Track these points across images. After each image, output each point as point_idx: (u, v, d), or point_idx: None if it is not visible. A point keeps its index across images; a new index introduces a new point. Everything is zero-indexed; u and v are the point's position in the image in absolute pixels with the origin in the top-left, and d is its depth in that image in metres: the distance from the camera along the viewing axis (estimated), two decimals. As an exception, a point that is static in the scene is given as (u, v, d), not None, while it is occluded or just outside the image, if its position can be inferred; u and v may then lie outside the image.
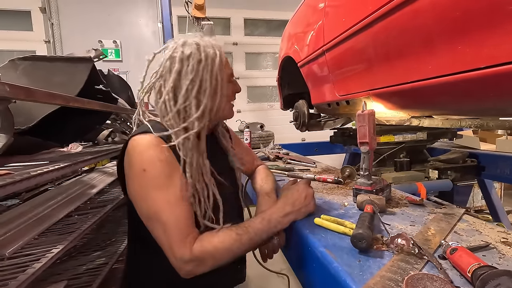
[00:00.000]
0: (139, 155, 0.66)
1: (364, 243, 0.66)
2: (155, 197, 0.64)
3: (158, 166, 0.65)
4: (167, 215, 0.63)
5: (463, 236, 0.73)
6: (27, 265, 0.65)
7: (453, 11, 0.63)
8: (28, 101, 0.61)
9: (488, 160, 2.04)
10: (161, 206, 0.64)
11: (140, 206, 0.66)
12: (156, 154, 0.66)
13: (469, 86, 0.65)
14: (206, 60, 0.72)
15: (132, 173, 0.66)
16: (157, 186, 0.65)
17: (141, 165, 0.65)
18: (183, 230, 0.64)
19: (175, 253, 0.63)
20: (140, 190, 0.66)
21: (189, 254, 0.63)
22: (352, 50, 1.09)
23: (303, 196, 0.81)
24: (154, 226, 0.65)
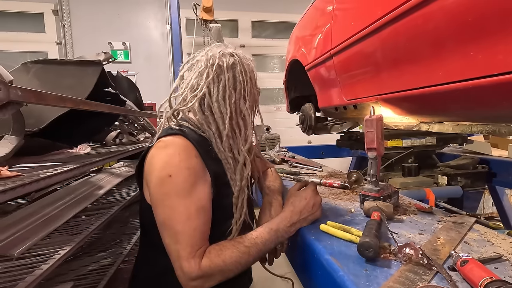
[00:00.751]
0: (165, 159, 0.65)
1: (371, 252, 0.65)
2: (175, 205, 0.63)
3: (185, 173, 0.64)
4: (182, 226, 0.62)
5: (474, 247, 0.71)
6: (35, 266, 0.66)
7: (465, 16, 0.62)
8: (39, 105, 0.62)
9: (500, 166, 1.99)
10: (178, 215, 0.62)
11: (158, 211, 0.65)
12: (185, 160, 0.65)
13: (482, 93, 0.63)
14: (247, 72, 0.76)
15: (156, 176, 0.64)
16: (180, 194, 0.63)
17: (168, 169, 0.63)
18: (194, 244, 0.62)
19: (183, 267, 0.61)
20: (162, 195, 0.64)
21: (198, 269, 0.61)
22: (360, 54, 1.08)
23: (310, 204, 0.79)
24: (166, 233, 0.64)
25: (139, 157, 0.72)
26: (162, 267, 0.70)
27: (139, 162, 0.72)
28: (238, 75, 0.74)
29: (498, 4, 0.53)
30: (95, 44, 4.17)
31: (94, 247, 1.40)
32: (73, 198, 1.04)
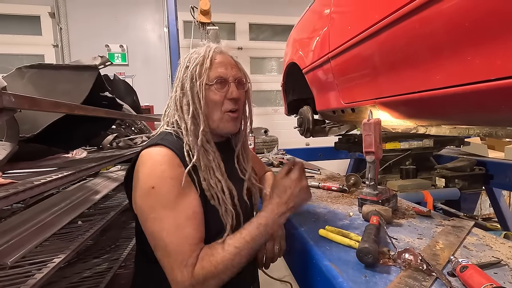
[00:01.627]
0: (150, 170, 0.64)
1: (370, 258, 0.64)
2: (161, 217, 0.62)
3: (168, 184, 0.63)
4: (170, 237, 0.61)
5: (473, 251, 0.71)
6: (28, 275, 0.64)
7: (463, 20, 0.62)
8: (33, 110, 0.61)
9: (497, 168, 2.00)
10: (165, 227, 0.61)
11: (146, 224, 0.64)
12: (168, 170, 0.64)
13: (481, 98, 0.63)
14: (189, 66, 0.73)
15: (140, 188, 0.64)
16: (166, 206, 0.62)
17: (151, 181, 0.63)
18: (185, 253, 0.61)
19: (176, 277, 0.60)
20: (146, 207, 0.63)
21: (190, 278, 0.60)
22: (358, 57, 1.08)
23: (296, 191, 0.71)
24: (157, 246, 0.63)
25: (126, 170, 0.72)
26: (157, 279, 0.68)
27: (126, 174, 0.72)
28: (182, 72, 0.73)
29: (496, 9, 0.53)
30: (92, 46, 4.14)
31: (91, 252, 1.38)
32: (69, 203, 1.02)
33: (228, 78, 0.73)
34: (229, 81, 0.73)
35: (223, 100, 0.73)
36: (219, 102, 0.72)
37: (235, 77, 0.74)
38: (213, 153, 0.72)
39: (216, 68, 0.73)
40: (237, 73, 0.76)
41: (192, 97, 0.71)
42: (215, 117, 0.73)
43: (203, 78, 0.71)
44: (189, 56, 0.76)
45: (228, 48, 0.78)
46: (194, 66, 0.72)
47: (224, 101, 0.73)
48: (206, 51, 0.74)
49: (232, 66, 0.75)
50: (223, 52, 0.77)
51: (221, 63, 0.74)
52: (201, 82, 0.70)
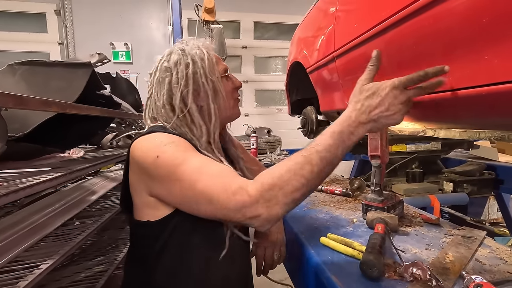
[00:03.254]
0: (145, 149, 0.60)
1: (375, 271, 0.60)
2: (182, 172, 0.55)
3: (172, 147, 0.59)
4: (203, 180, 0.54)
5: (486, 265, 0.66)
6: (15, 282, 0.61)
7: (481, 16, 0.57)
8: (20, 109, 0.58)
9: (507, 173, 1.93)
10: (192, 176, 0.54)
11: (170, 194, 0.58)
12: (165, 139, 0.61)
13: (497, 100, 0.58)
14: (195, 63, 0.70)
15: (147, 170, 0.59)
16: (179, 163, 0.56)
17: (152, 154, 0.58)
18: (229, 183, 0.53)
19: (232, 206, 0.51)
20: (161, 178, 0.57)
21: (248, 197, 0.50)
22: (364, 57, 1.03)
23: (386, 103, 0.55)
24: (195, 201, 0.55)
25: None
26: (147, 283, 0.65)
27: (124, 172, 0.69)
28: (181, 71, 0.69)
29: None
30: (97, 44, 4.15)
31: (88, 252, 1.36)
32: (64, 204, 1.00)
33: (228, 70, 0.78)
34: (230, 73, 0.79)
35: (232, 90, 0.78)
36: (230, 91, 0.77)
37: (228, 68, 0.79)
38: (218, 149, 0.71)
39: (218, 62, 0.76)
40: None
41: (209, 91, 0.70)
42: (229, 106, 0.76)
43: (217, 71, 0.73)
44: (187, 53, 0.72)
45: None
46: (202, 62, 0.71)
47: (233, 90, 0.79)
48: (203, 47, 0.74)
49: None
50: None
51: (217, 57, 0.77)
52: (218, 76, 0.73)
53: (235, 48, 4.55)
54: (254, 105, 4.78)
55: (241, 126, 3.36)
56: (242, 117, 4.50)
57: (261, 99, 4.83)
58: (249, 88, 4.74)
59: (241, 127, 3.31)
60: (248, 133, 2.86)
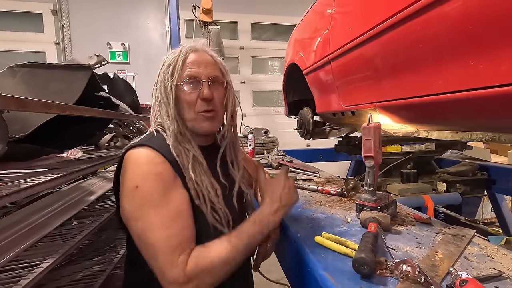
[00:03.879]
0: (132, 171, 0.63)
1: (366, 269, 0.62)
2: (146, 216, 0.60)
3: (152, 182, 0.62)
4: (157, 235, 0.59)
5: (474, 263, 0.69)
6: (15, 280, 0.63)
7: (467, 24, 0.59)
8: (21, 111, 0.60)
9: (499, 173, 1.97)
10: (152, 225, 0.60)
11: (132, 225, 0.63)
12: (150, 170, 0.63)
13: (483, 104, 0.61)
14: (162, 68, 0.72)
15: (125, 189, 0.63)
16: (149, 204, 0.61)
17: (134, 181, 0.62)
18: (174, 251, 0.59)
19: (168, 277, 0.58)
20: (132, 207, 0.62)
21: (183, 275, 0.57)
22: (358, 60, 1.05)
23: (286, 190, 0.75)
24: (145, 247, 0.61)
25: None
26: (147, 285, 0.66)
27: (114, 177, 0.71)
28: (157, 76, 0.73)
29: (501, 14, 0.51)
30: (94, 44, 4.14)
31: (86, 252, 1.37)
32: (62, 204, 1.01)
33: (200, 77, 0.71)
34: (202, 80, 0.71)
35: (196, 100, 0.71)
36: (191, 102, 0.70)
37: (208, 75, 0.72)
38: (195, 152, 0.70)
39: (188, 67, 0.71)
40: (211, 71, 0.73)
41: (164, 99, 0.70)
42: (189, 117, 0.71)
43: (174, 78, 0.69)
44: (166, 58, 0.74)
45: (204, 46, 0.77)
46: (166, 67, 0.71)
47: (197, 101, 0.71)
48: (181, 50, 0.73)
49: (207, 65, 0.73)
50: (199, 50, 0.74)
51: (193, 62, 0.71)
52: (172, 83, 0.69)
53: (232, 48, 4.57)
54: (251, 106, 4.80)
55: (238, 126, 3.38)
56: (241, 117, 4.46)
57: (258, 99, 4.86)
58: (247, 89, 4.76)
59: (238, 127, 3.33)
60: (245, 133, 2.88)
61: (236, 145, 0.85)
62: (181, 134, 0.70)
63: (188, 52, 0.72)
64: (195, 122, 0.72)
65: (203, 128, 0.73)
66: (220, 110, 0.76)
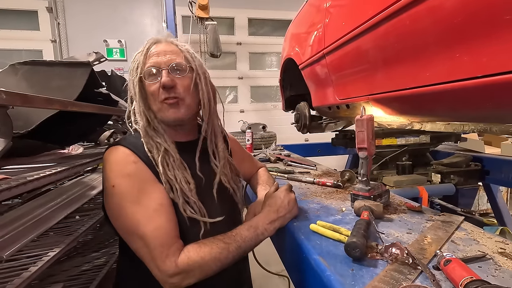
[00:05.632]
0: (108, 171, 0.66)
1: (357, 252, 0.65)
2: (129, 212, 0.62)
3: (126, 180, 0.64)
4: (144, 228, 0.61)
5: (460, 246, 0.72)
6: (23, 268, 0.66)
7: (451, 18, 0.62)
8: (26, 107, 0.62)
9: (493, 164, 2.01)
10: (137, 219, 0.62)
11: (117, 223, 0.65)
12: (123, 168, 0.65)
13: (468, 95, 0.64)
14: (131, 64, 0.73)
15: (105, 188, 0.66)
16: (130, 201, 0.63)
17: (111, 181, 0.64)
18: (164, 242, 0.61)
19: (159, 266, 0.60)
20: (114, 206, 0.64)
21: (174, 267, 0.60)
22: (351, 54, 1.08)
23: (286, 202, 0.80)
24: (133, 240, 0.63)
25: None
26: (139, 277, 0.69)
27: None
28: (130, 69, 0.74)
29: (483, 8, 0.53)
30: (90, 42, 4.12)
31: (88, 246, 1.40)
32: (65, 199, 1.04)
33: (159, 66, 0.70)
34: (161, 69, 0.69)
35: (158, 90, 0.70)
36: (154, 92, 0.70)
37: (167, 63, 0.70)
38: (167, 146, 0.71)
39: (149, 59, 0.71)
40: (171, 59, 0.71)
41: (133, 95, 0.72)
42: (155, 108, 0.71)
43: (138, 72, 0.70)
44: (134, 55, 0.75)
45: (169, 37, 0.76)
46: (132, 63, 0.72)
47: (159, 90, 0.70)
48: (144, 45, 0.73)
49: (167, 53, 0.71)
50: (161, 41, 0.74)
51: (154, 53, 0.71)
52: (136, 76, 0.70)
53: (229, 44, 4.56)
54: (249, 101, 4.82)
55: (236, 122, 3.40)
56: (238, 113, 4.51)
57: (256, 95, 4.87)
58: (244, 85, 4.77)
59: (237, 123, 3.36)
60: (244, 129, 2.90)
61: (217, 135, 0.82)
62: (153, 129, 0.72)
63: (150, 44, 0.72)
64: (161, 112, 0.71)
65: (169, 117, 0.71)
66: (187, 97, 0.73)
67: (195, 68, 0.74)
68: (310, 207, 1.07)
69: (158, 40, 0.74)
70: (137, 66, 0.70)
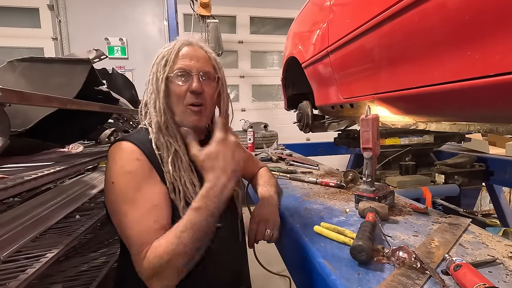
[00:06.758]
0: (110, 166, 0.65)
1: (363, 256, 0.64)
2: (122, 211, 0.63)
3: (126, 178, 0.63)
4: (130, 230, 0.61)
5: (468, 250, 0.71)
6: (21, 270, 0.64)
7: (462, 15, 0.60)
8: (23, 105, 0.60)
9: (497, 165, 1.99)
10: (124, 221, 0.62)
11: (112, 219, 0.66)
12: (125, 165, 0.64)
13: (478, 94, 0.62)
14: (156, 59, 0.72)
15: (105, 183, 0.66)
16: (124, 200, 0.63)
17: (111, 177, 0.64)
18: (143, 246, 0.60)
19: (140, 271, 0.60)
20: (110, 202, 0.65)
21: (148, 269, 0.59)
22: (356, 52, 1.06)
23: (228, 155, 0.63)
24: (123, 239, 0.64)
25: None
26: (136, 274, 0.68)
27: None
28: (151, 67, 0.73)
29: (495, 4, 0.51)
30: (91, 40, 4.11)
31: (88, 246, 1.39)
32: (65, 198, 1.02)
33: (191, 70, 0.70)
34: (192, 73, 0.70)
35: (185, 93, 0.70)
36: (180, 95, 0.70)
37: (199, 69, 0.71)
38: (177, 147, 0.71)
39: (180, 60, 0.71)
40: (203, 66, 0.72)
41: (155, 91, 0.71)
42: (177, 110, 0.71)
43: (166, 70, 0.70)
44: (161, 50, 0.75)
45: (199, 41, 0.76)
46: (160, 59, 0.71)
47: (186, 94, 0.70)
48: (175, 44, 0.73)
49: (199, 59, 0.73)
50: (193, 44, 0.74)
51: (186, 55, 0.72)
52: (163, 74, 0.69)
53: (231, 43, 4.54)
54: (250, 100, 4.80)
55: (238, 121, 3.38)
56: (239, 112, 4.49)
57: (257, 94, 4.85)
58: (246, 83, 4.74)
59: (238, 122, 3.34)
60: (245, 128, 2.88)
61: None
62: (166, 127, 0.71)
63: (182, 45, 0.73)
64: (183, 115, 0.71)
65: (190, 123, 0.72)
66: (209, 105, 0.75)
67: (221, 78, 0.77)
68: (313, 208, 1.06)
69: (189, 42, 0.74)
70: (165, 63, 0.70)
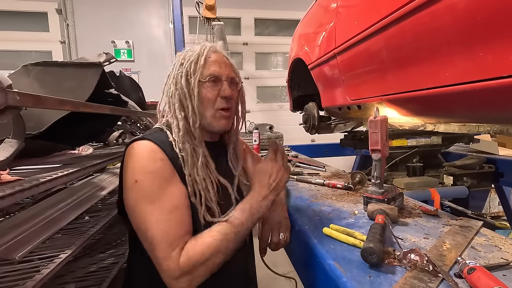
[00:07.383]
0: (133, 165, 0.65)
1: (375, 258, 0.63)
2: (144, 211, 0.63)
3: (150, 177, 0.64)
4: (154, 231, 0.62)
5: (481, 252, 0.70)
6: (36, 269, 0.66)
7: (474, 15, 0.59)
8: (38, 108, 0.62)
9: (507, 166, 1.95)
10: (149, 220, 0.62)
11: (131, 218, 0.66)
12: (149, 165, 0.65)
13: (491, 95, 0.61)
14: (183, 64, 0.73)
15: (126, 182, 0.66)
16: (147, 199, 0.63)
17: (134, 175, 0.64)
18: (169, 245, 0.61)
19: (164, 270, 0.60)
20: (132, 201, 0.64)
21: (178, 269, 0.60)
22: (364, 53, 1.05)
23: (274, 173, 0.74)
24: (143, 240, 0.64)
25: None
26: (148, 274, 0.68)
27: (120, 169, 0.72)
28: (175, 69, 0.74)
29: (509, 4, 0.51)
30: (98, 42, 4.17)
31: (97, 247, 1.40)
32: (76, 199, 1.04)
33: (221, 77, 0.74)
34: (222, 80, 0.74)
35: (216, 98, 0.74)
36: (212, 99, 0.73)
37: (228, 76, 0.75)
38: (201, 150, 0.72)
39: (210, 66, 0.73)
40: (230, 72, 0.76)
41: (186, 94, 0.72)
42: (207, 114, 0.74)
43: (197, 75, 0.71)
44: (184, 54, 0.76)
45: (222, 48, 0.80)
46: (188, 64, 0.72)
47: (217, 99, 0.74)
48: (202, 49, 0.75)
49: (226, 65, 0.76)
50: (218, 51, 0.78)
51: (215, 61, 0.74)
52: (195, 79, 0.71)
53: (236, 44, 4.56)
54: (255, 102, 4.81)
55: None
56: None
57: (262, 95, 4.85)
58: (251, 85, 4.75)
59: (243, 123, 3.34)
60: (251, 129, 2.89)
61: (238, 142, 0.88)
62: (192, 130, 0.72)
63: (209, 51, 0.75)
64: (213, 119, 0.74)
65: (220, 126, 0.76)
66: (234, 110, 0.79)
67: (242, 85, 0.82)
68: (322, 210, 1.05)
69: (216, 49, 0.77)
70: (195, 68, 0.72)
